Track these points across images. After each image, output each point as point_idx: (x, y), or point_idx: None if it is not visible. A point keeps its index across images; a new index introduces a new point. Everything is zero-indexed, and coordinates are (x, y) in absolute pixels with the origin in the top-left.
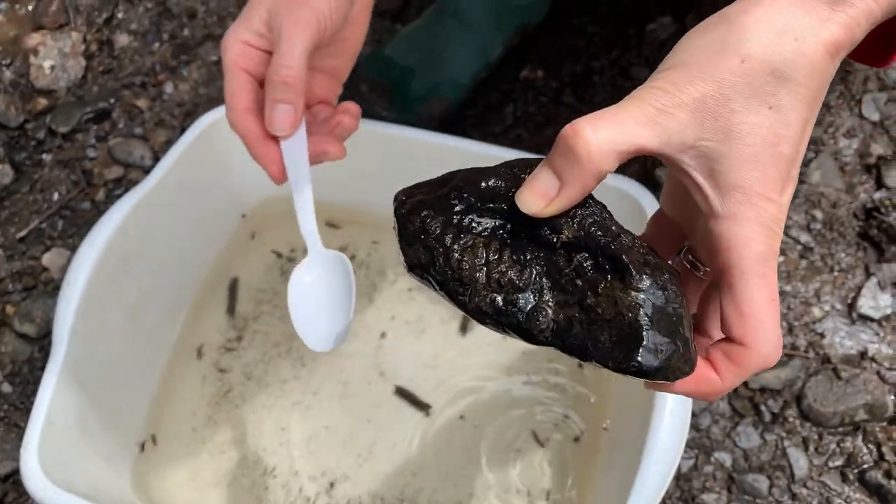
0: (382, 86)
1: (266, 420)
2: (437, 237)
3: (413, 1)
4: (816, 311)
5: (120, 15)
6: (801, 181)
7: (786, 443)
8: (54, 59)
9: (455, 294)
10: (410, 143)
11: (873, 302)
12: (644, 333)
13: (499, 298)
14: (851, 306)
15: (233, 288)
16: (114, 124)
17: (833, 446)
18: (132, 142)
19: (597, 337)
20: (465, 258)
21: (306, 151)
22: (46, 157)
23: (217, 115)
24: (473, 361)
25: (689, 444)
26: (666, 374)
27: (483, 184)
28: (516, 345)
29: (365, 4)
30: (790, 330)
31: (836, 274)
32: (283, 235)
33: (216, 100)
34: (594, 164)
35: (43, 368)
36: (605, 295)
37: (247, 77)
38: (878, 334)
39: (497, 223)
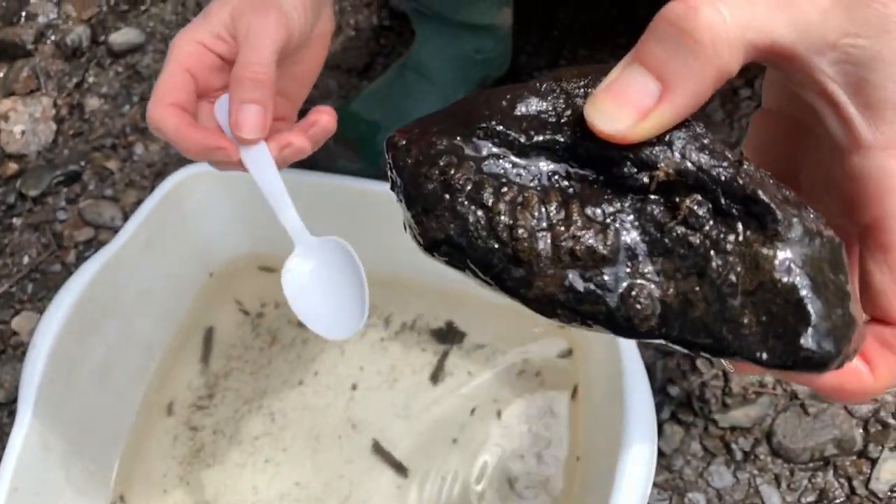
0: (349, 141)
1: (238, 478)
2: (469, 195)
3: (378, 59)
4: None
5: (91, 79)
6: None
7: (758, 480)
8: (25, 124)
9: (506, 278)
10: (375, 196)
11: None
12: (809, 307)
13: (575, 277)
14: None
15: (208, 338)
16: (84, 186)
17: (805, 482)
18: (102, 203)
19: (735, 320)
20: (519, 222)
21: (269, 153)
22: (16, 220)
23: (185, 174)
24: (446, 410)
25: (663, 486)
26: (842, 361)
27: (520, 110)
28: (489, 391)
29: (325, 30)
30: None
31: None
32: (251, 292)
33: (186, 160)
34: (719, 59)
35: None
36: (738, 254)
37: (188, 78)
38: None
39: (552, 166)
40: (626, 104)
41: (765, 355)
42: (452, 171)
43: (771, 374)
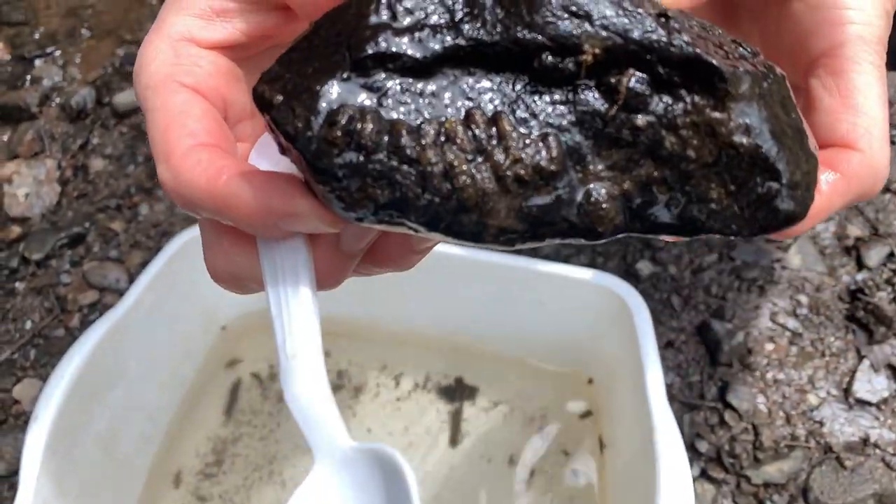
0: None
1: None
2: (389, 151)
3: None
4: (812, 399)
5: (95, 140)
6: (782, 266)
7: None
8: (29, 186)
9: (457, 229)
10: None
11: (869, 385)
12: (777, 164)
13: (528, 203)
14: (847, 391)
15: (234, 389)
16: (88, 248)
17: None
18: (107, 265)
19: (703, 196)
20: (455, 166)
21: (310, 267)
22: (19, 285)
23: (192, 234)
24: (464, 473)
25: None
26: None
27: (403, 18)
28: (508, 451)
29: None
30: (788, 419)
31: (827, 358)
32: (261, 354)
33: (192, 218)
34: None
35: None
36: (690, 126)
37: (198, 100)
38: (878, 419)
39: (463, 81)
40: None
41: (743, 228)
42: (358, 127)
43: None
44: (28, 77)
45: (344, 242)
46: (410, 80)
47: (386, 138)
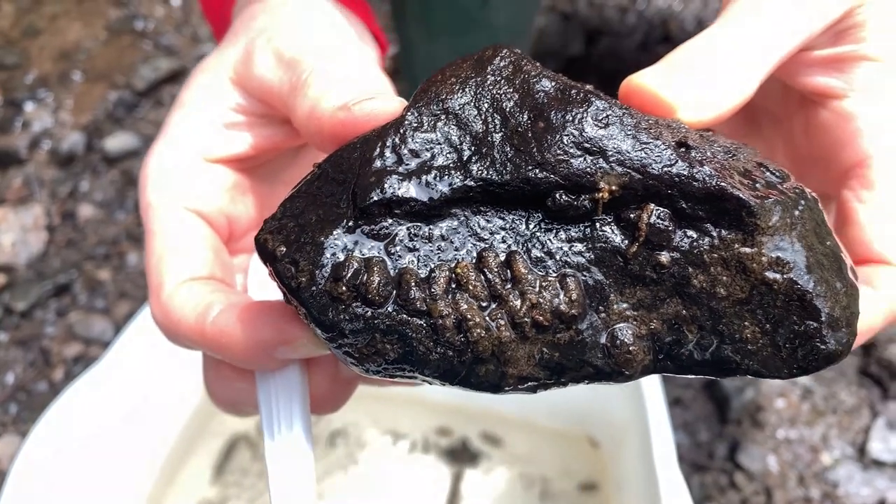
0: None
1: None
2: (397, 304)
3: None
4: (826, 459)
5: (84, 186)
6: None
7: None
8: (15, 233)
9: (473, 381)
10: None
11: (883, 444)
12: (815, 301)
13: (549, 348)
14: (862, 451)
15: (223, 448)
16: (74, 298)
17: None
18: (93, 316)
19: (736, 335)
20: (468, 318)
21: (305, 398)
22: (3, 336)
23: None
24: None
25: None
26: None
27: (408, 162)
28: None
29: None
30: (801, 481)
31: (840, 416)
32: None
33: None
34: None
35: None
36: (718, 262)
37: (198, 227)
38: (894, 480)
39: (473, 221)
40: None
41: (782, 369)
42: (364, 279)
43: None
44: (19, 121)
45: (343, 369)
46: (419, 224)
47: (394, 290)
